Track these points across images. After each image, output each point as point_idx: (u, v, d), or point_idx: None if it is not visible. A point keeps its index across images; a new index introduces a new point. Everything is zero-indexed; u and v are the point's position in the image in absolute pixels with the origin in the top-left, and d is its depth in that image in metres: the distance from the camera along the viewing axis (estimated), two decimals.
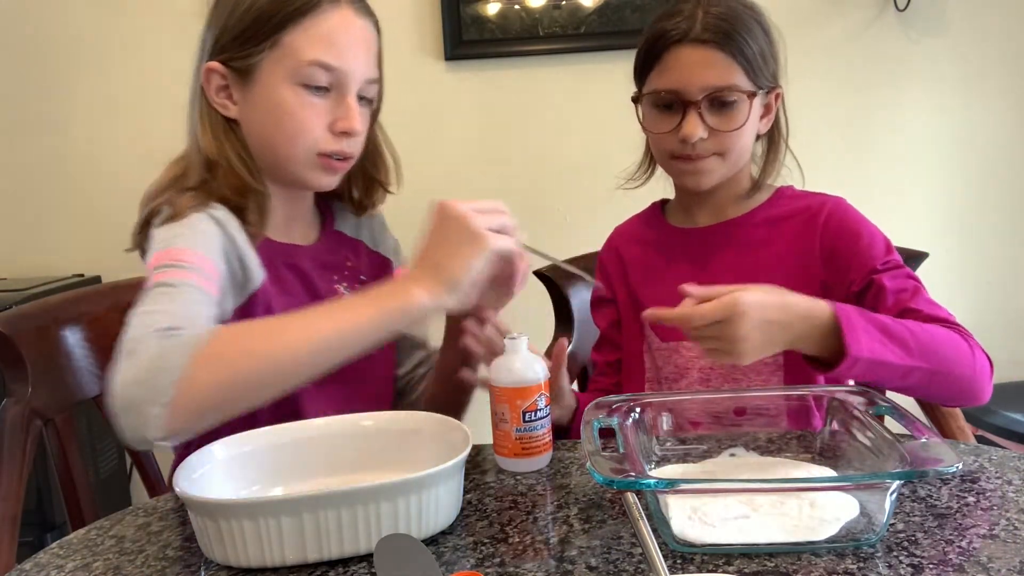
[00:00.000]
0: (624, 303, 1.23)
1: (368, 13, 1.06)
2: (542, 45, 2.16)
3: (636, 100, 1.15)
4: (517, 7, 2.13)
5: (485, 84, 2.19)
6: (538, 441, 0.94)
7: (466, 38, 2.14)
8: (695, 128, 1.07)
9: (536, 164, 2.22)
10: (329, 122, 1.03)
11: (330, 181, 1.07)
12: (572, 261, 1.43)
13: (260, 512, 0.74)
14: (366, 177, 1.16)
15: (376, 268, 1.19)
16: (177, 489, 0.77)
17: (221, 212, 1.00)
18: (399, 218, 2.25)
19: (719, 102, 1.07)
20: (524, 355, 0.95)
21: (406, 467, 0.81)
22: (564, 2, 2.12)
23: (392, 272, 1.20)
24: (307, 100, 1.01)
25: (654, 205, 1.27)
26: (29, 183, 2.29)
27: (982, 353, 1.00)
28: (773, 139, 1.17)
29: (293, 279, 1.08)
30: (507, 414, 0.94)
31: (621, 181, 1.23)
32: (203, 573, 0.77)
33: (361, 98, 1.05)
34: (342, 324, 0.85)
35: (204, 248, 0.95)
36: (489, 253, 0.88)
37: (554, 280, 1.39)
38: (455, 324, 1.07)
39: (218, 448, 0.88)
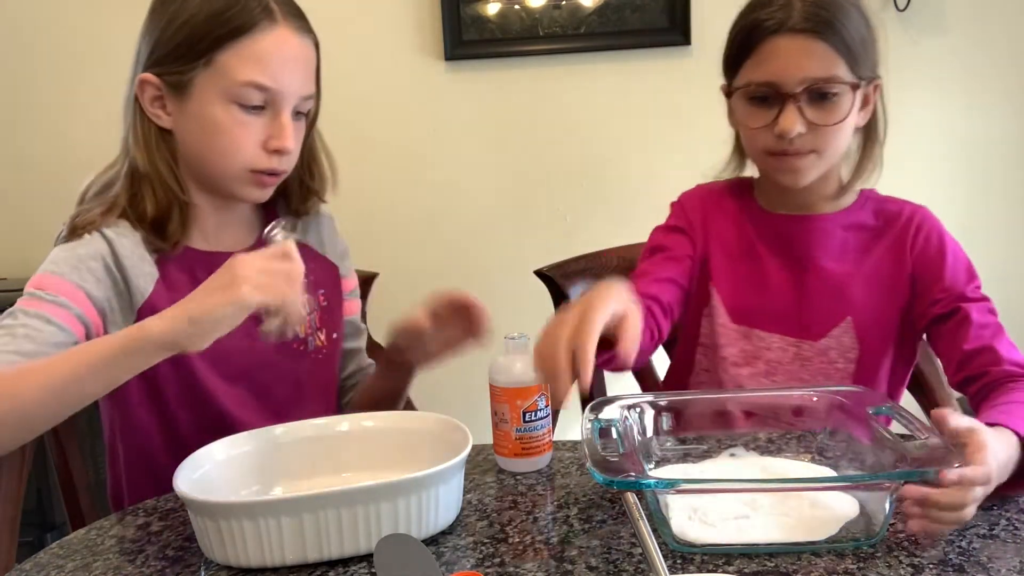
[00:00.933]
0: (696, 261, 1.17)
1: (306, 31, 1.05)
2: (542, 45, 2.16)
3: (728, 94, 1.11)
4: (517, 7, 2.13)
5: (485, 84, 2.19)
6: (538, 441, 0.94)
7: (466, 38, 2.14)
8: (793, 123, 1.01)
9: (536, 164, 2.22)
10: (262, 140, 1.02)
11: (261, 195, 1.07)
12: (573, 260, 1.43)
13: (260, 512, 0.74)
14: (302, 186, 1.15)
15: (322, 272, 1.17)
16: (177, 489, 0.77)
17: (116, 229, 1.02)
18: (398, 218, 2.26)
19: (819, 95, 1.02)
20: (525, 356, 0.95)
21: (406, 467, 0.81)
22: (564, 2, 2.12)
23: (338, 279, 1.20)
24: (240, 118, 1.01)
25: (743, 181, 1.21)
26: (30, 183, 2.29)
27: None
28: (870, 136, 1.11)
29: None
30: (507, 414, 0.94)
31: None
32: (203, 573, 0.77)
33: (296, 113, 1.05)
34: (78, 366, 0.84)
35: (76, 275, 0.98)
36: (240, 304, 0.84)
37: (555, 280, 1.39)
38: (394, 354, 1.09)
39: (218, 448, 0.88)
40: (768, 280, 1.13)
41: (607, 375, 1.35)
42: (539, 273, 1.40)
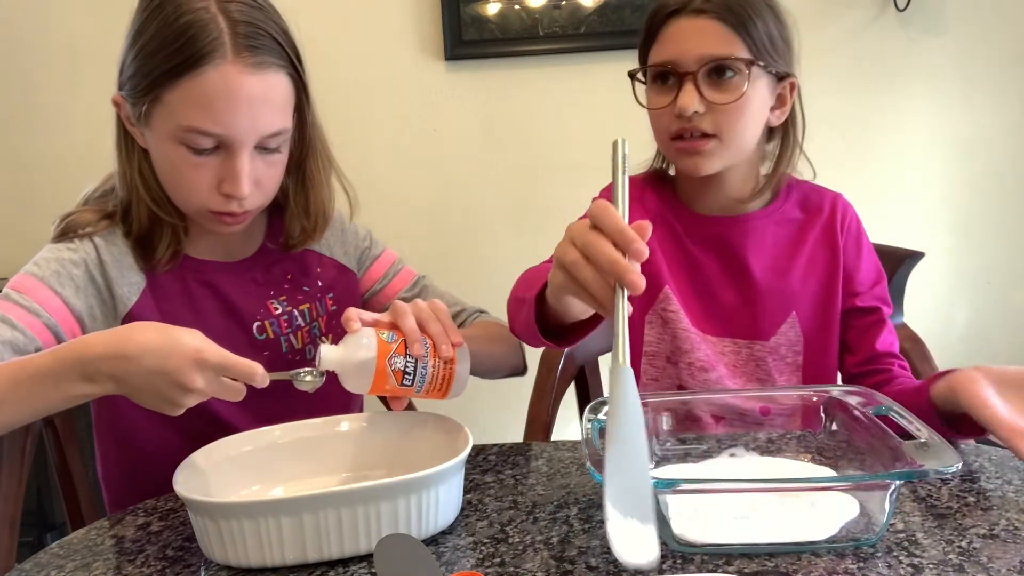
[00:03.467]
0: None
1: (267, 65, 0.94)
2: (542, 45, 2.16)
3: (632, 75, 1.11)
4: (517, 7, 2.13)
5: (485, 84, 2.19)
6: (438, 379, 0.90)
7: (466, 38, 2.14)
8: (691, 99, 1.02)
9: (536, 164, 2.22)
10: (216, 182, 0.96)
11: (229, 230, 1.02)
12: None
13: (260, 512, 0.74)
14: (297, 227, 1.10)
15: (330, 277, 1.14)
16: (177, 489, 0.77)
17: (107, 237, 1.01)
18: (398, 218, 2.26)
19: (717, 75, 1.03)
20: (345, 358, 0.87)
21: (406, 467, 0.81)
22: (564, 2, 2.12)
23: (351, 282, 1.16)
24: (191, 160, 0.95)
25: (657, 173, 1.19)
26: (30, 184, 2.29)
27: None
28: (786, 137, 1.12)
29: (208, 297, 1.05)
30: (397, 394, 0.90)
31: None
32: (203, 573, 0.77)
33: (265, 149, 0.98)
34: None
35: (56, 280, 0.97)
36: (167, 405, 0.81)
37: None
38: None
39: (218, 448, 0.88)
40: (711, 284, 1.13)
41: (605, 375, 1.34)
42: None
